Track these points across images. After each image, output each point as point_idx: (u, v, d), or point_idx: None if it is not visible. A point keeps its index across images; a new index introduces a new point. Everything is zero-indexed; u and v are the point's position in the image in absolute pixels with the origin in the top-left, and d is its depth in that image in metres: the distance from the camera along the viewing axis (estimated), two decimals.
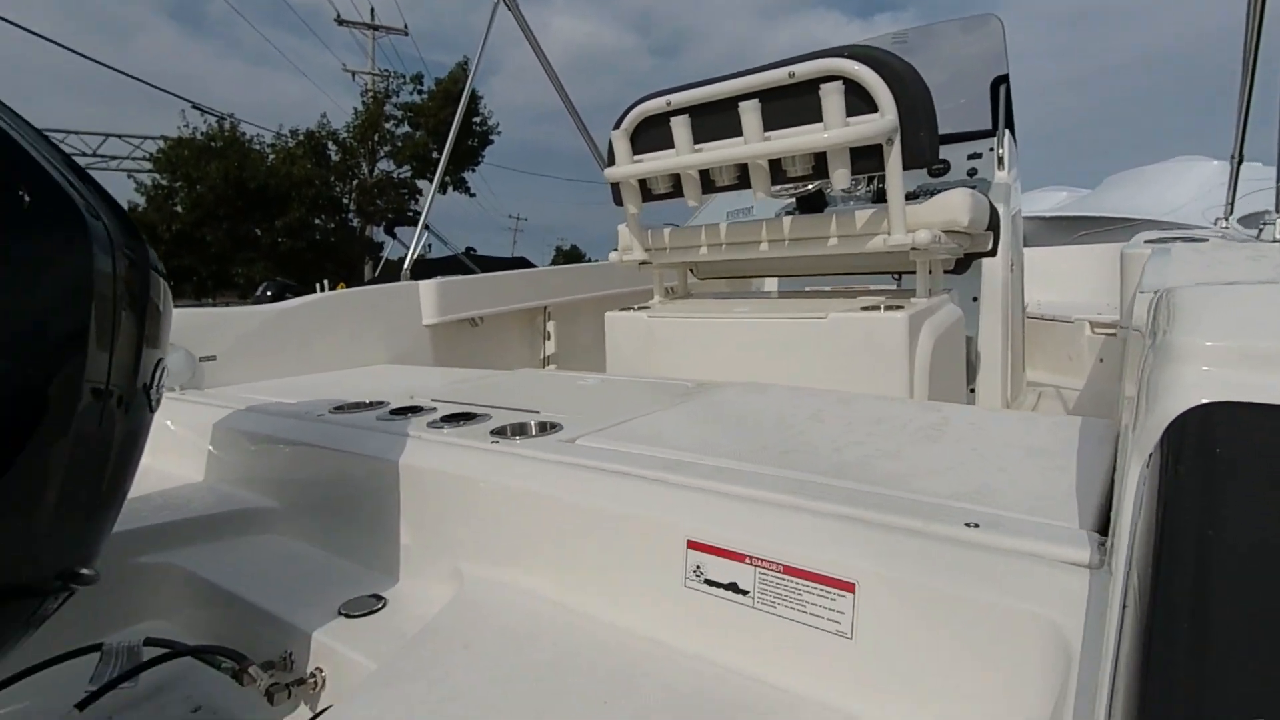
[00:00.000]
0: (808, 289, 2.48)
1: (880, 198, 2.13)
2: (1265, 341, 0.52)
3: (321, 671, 0.86)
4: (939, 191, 1.82)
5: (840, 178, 1.58)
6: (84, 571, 0.67)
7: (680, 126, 1.71)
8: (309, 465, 1.17)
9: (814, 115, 1.55)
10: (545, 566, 0.86)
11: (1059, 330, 3.18)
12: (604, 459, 0.92)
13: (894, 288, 2.21)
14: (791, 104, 1.59)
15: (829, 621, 0.65)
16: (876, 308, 1.58)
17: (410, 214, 19.82)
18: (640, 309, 1.99)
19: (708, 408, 1.21)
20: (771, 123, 1.61)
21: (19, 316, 0.55)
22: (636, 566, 0.77)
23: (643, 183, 1.91)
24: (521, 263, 6.45)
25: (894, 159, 1.53)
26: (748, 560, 0.70)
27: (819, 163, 1.63)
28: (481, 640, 0.76)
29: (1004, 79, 2.62)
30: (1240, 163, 2.56)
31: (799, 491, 0.76)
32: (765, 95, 1.60)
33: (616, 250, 2.12)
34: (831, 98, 1.49)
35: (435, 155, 21.14)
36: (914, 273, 1.78)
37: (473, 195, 23.95)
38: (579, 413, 1.19)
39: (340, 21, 24.16)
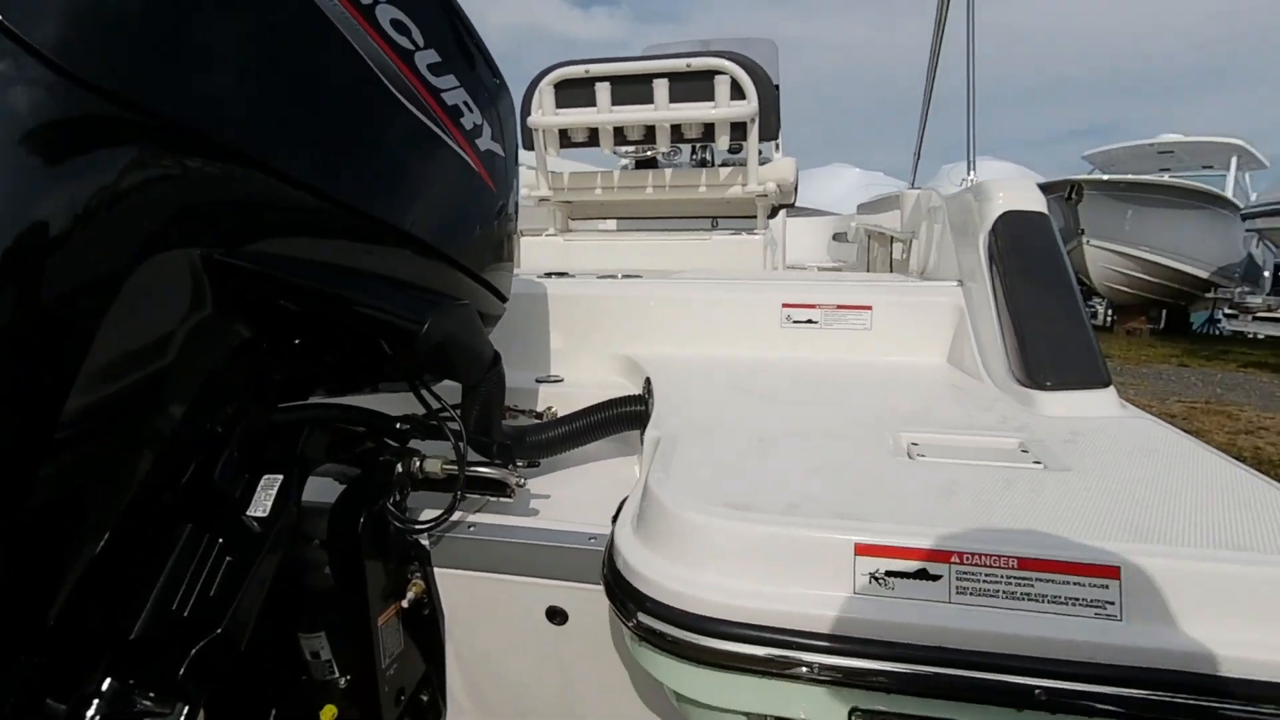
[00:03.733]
0: (659, 230, 3.21)
1: (702, 164, 3.22)
2: (1028, 191, 1.51)
3: None
4: (732, 163, 2.71)
5: (723, 141, 2.40)
6: None
7: (603, 91, 2.28)
8: None
9: (701, 96, 2.28)
10: None
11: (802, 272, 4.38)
12: None
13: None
14: (685, 86, 2.28)
15: None
16: (738, 232, 2.60)
17: None
18: (549, 235, 2.67)
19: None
20: (671, 98, 2.27)
21: None
22: None
23: (561, 132, 2.46)
24: None
25: (753, 133, 2.32)
26: None
27: (708, 130, 2.36)
28: None
29: (777, 87, 3.24)
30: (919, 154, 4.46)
31: None
32: (668, 76, 2.24)
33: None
34: (721, 86, 2.23)
35: None
36: (734, 217, 2.83)
37: None
38: None
39: None
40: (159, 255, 0.64)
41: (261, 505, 0.82)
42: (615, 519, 0.84)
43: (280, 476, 0.85)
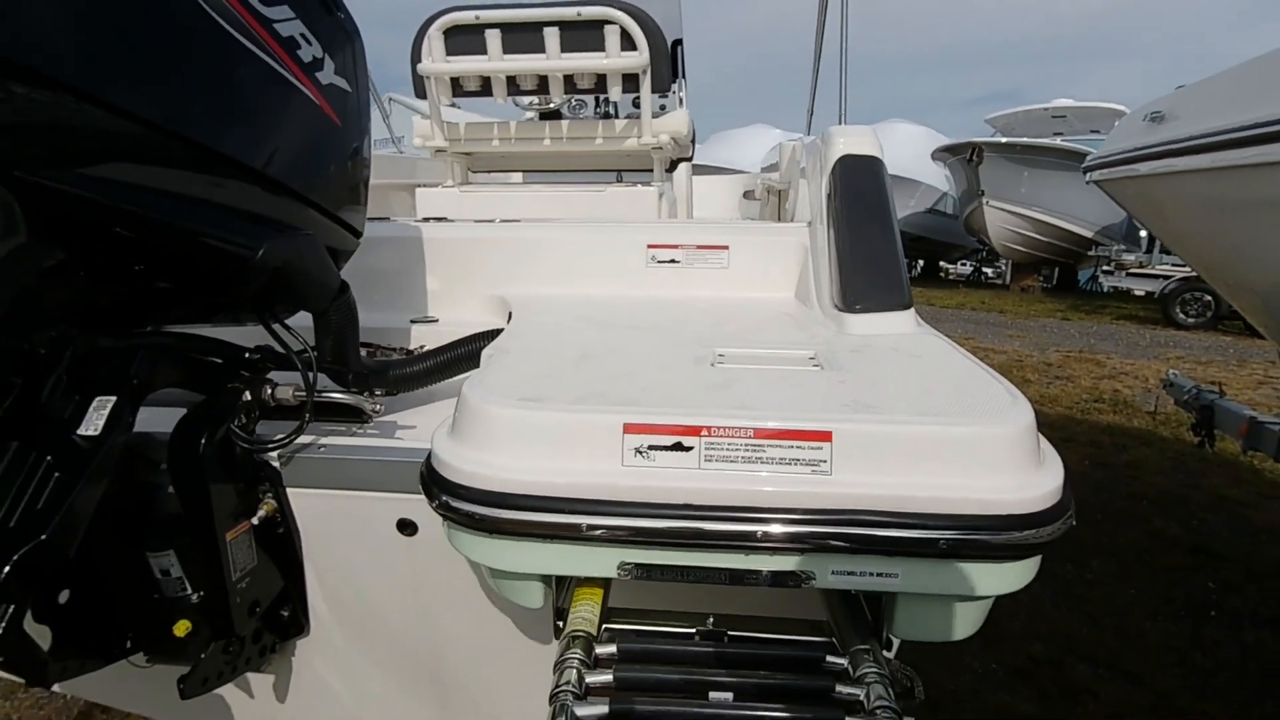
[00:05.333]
0: (559, 183, 3.27)
1: (606, 117, 3.18)
2: (866, 137, 1.63)
3: None
4: (632, 116, 2.70)
5: (615, 93, 2.38)
6: None
7: (493, 38, 2.26)
8: None
9: (592, 46, 2.26)
10: None
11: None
12: None
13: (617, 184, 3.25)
14: (575, 35, 2.27)
15: None
16: (634, 185, 2.59)
17: None
18: (446, 187, 2.66)
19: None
20: (563, 47, 2.26)
21: None
22: None
23: (454, 81, 2.43)
24: None
25: (646, 84, 2.34)
26: None
27: (600, 81, 2.37)
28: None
29: (679, 41, 3.34)
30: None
31: None
32: (559, 25, 2.23)
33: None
34: (611, 37, 2.24)
35: None
36: (637, 170, 2.85)
37: None
38: None
39: None
40: None
41: (93, 425, 0.86)
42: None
43: (113, 398, 0.89)
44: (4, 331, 0.77)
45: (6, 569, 0.75)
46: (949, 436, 0.75)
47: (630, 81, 2.39)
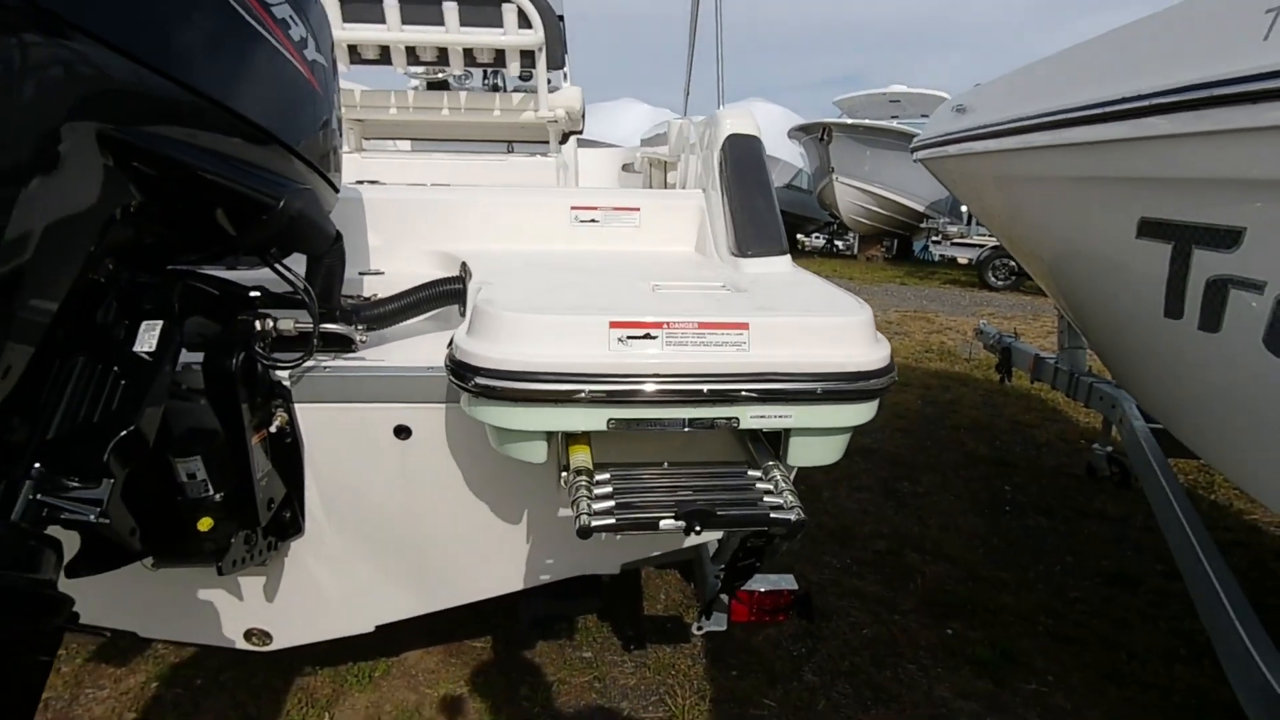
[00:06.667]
0: (455, 152, 3.48)
1: (494, 89, 3.53)
2: (748, 119, 1.98)
3: None
4: (524, 90, 3.02)
5: (513, 68, 2.65)
6: None
7: (391, 9, 2.42)
8: None
9: (489, 21, 2.50)
10: None
11: None
12: None
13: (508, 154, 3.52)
14: (474, 10, 2.50)
15: None
16: (534, 155, 3.02)
17: None
18: (346, 153, 2.73)
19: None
20: (461, 21, 2.48)
21: None
22: None
23: (351, 48, 2.56)
24: None
25: (541, 61, 2.62)
26: None
27: (499, 56, 2.62)
28: None
29: (561, 17, 3.70)
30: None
31: None
32: (458, 1, 2.45)
33: None
34: (509, 14, 2.49)
35: None
36: (526, 141, 3.22)
37: None
38: None
39: None
40: (69, 124, 0.83)
41: (147, 343, 1.04)
42: (449, 346, 1.20)
43: (160, 322, 1.06)
44: (88, 260, 0.94)
45: (107, 453, 0.93)
46: (822, 324, 1.15)
47: (526, 57, 2.63)
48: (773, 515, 1.06)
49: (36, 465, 0.89)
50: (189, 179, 0.99)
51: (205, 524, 1.21)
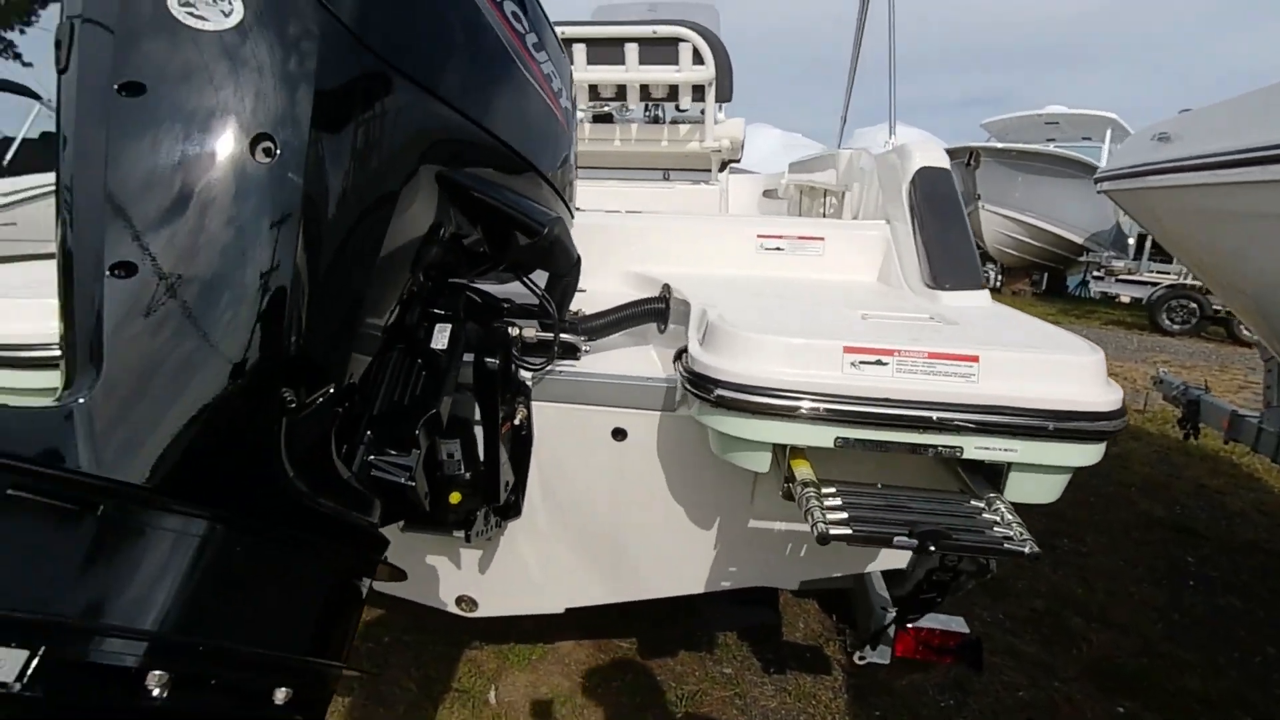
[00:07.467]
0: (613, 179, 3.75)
1: (655, 121, 3.80)
2: (937, 152, 2.03)
3: None
4: (683, 121, 3.28)
5: (685, 101, 2.99)
6: None
7: (578, 51, 2.79)
8: None
9: (663, 59, 2.79)
10: None
11: None
12: None
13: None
14: (650, 51, 2.78)
15: None
16: (697, 182, 3.34)
17: None
18: None
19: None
20: (640, 60, 2.77)
21: None
22: None
23: None
24: None
25: (710, 94, 2.92)
26: None
27: (671, 91, 2.94)
28: None
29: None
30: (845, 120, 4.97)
31: None
32: (637, 41, 2.75)
33: None
34: (685, 53, 2.77)
35: None
36: (685, 170, 3.44)
37: None
38: None
39: None
40: (425, 165, 1.04)
41: (440, 341, 1.24)
42: (676, 359, 1.33)
43: (449, 325, 1.26)
44: (413, 273, 1.14)
45: (418, 428, 1.13)
46: (1055, 361, 1.17)
47: (696, 91, 2.88)
48: (1006, 545, 1.08)
49: (369, 433, 1.10)
50: (489, 208, 1.19)
51: (455, 498, 1.39)
